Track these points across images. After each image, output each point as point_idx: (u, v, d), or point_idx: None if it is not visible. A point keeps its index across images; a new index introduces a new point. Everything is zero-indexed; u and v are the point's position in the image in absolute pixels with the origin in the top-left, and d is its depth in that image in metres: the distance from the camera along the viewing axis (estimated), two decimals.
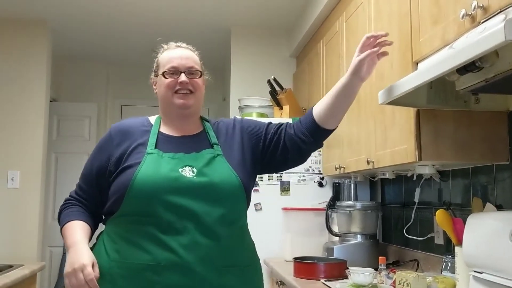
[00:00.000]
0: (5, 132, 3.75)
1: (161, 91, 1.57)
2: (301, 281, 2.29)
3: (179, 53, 1.58)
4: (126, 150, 1.50)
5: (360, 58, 1.52)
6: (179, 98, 1.53)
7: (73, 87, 5.15)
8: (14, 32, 3.86)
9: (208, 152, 1.52)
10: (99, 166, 1.53)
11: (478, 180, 2.00)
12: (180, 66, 1.55)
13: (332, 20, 3.05)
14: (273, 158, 1.61)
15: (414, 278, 1.82)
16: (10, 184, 3.72)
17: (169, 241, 1.37)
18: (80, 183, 1.59)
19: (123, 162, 1.48)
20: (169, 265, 1.35)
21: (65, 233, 1.50)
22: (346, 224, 2.75)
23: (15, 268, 2.81)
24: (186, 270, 1.36)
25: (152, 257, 1.37)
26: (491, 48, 1.11)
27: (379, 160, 2.17)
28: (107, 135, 1.57)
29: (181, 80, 1.53)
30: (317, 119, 1.58)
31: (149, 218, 1.40)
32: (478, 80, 1.41)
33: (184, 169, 1.45)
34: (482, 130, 1.80)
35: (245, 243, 1.53)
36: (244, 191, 1.49)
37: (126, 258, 1.40)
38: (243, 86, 4.06)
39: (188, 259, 1.36)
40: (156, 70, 1.61)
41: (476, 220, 1.61)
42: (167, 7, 3.66)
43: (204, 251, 1.38)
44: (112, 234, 1.47)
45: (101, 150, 1.55)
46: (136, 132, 1.55)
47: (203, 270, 1.37)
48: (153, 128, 1.57)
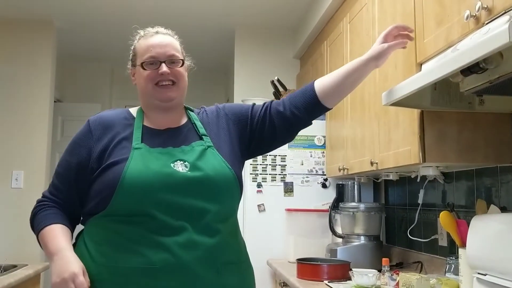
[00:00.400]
0: (9, 132, 3.77)
1: (140, 83, 1.46)
2: (304, 282, 2.29)
3: (158, 40, 1.46)
4: (108, 144, 1.38)
5: (390, 45, 1.55)
6: (161, 91, 1.42)
7: (78, 88, 5.17)
8: (20, 33, 3.87)
9: (198, 145, 1.42)
10: (78, 163, 1.39)
11: (482, 182, 1.99)
12: (159, 56, 1.43)
13: (336, 21, 3.05)
14: (260, 140, 1.54)
15: (418, 280, 1.81)
16: (14, 184, 3.73)
17: (164, 241, 1.27)
18: (55, 182, 1.45)
19: (107, 158, 1.36)
20: (166, 267, 1.26)
21: (44, 239, 1.36)
22: (349, 226, 2.75)
23: (19, 268, 2.81)
24: (184, 272, 1.27)
25: (146, 259, 1.26)
26: (495, 49, 1.11)
27: (382, 162, 2.16)
28: (85, 129, 1.44)
29: (162, 71, 1.41)
30: (318, 94, 1.52)
31: (141, 217, 1.29)
32: (482, 82, 1.40)
33: (176, 163, 1.35)
34: (486, 132, 1.79)
35: (238, 238, 1.47)
36: (238, 183, 1.42)
37: (116, 262, 1.28)
38: (247, 86, 4.06)
39: (186, 260, 1.27)
40: (133, 60, 1.51)
41: (480, 222, 1.60)
42: (172, 7, 3.67)
43: (202, 250, 1.29)
44: (95, 236, 1.34)
45: (79, 145, 1.42)
46: (118, 125, 1.43)
47: (203, 270, 1.29)
48: (136, 121, 1.45)
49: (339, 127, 2.87)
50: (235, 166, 1.44)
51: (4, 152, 3.75)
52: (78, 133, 1.45)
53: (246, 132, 1.53)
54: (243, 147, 1.52)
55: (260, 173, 3.18)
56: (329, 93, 1.53)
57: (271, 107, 1.55)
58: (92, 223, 1.37)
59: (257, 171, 3.18)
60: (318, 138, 3.24)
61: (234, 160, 1.45)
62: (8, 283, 2.36)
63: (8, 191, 3.72)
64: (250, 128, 1.53)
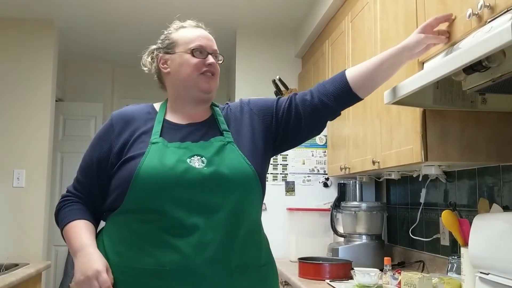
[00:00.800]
0: (11, 131, 3.77)
1: (181, 71, 1.42)
2: (306, 282, 2.29)
3: (204, 33, 1.48)
4: (128, 139, 1.37)
5: (427, 36, 1.52)
6: (206, 81, 1.42)
7: (79, 87, 5.17)
8: (21, 32, 3.87)
9: (217, 140, 1.39)
10: (99, 158, 1.39)
11: (484, 181, 1.99)
12: (207, 47, 1.44)
13: (338, 20, 3.04)
14: (286, 132, 1.49)
15: (420, 279, 1.81)
16: (16, 183, 3.73)
17: (175, 241, 1.24)
18: (78, 177, 1.44)
19: (125, 153, 1.35)
20: (175, 269, 1.23)
21: (68, 234, 1.36)
22: (351, 225, 2.74)
23: (21, 267, 2.82)
24: (194, 274, 1.23)
25: (157, 260, 1.24)
26: (497, 48, 1.10)
27: (384, 161, 2.16)
28: (108, 124, 1.43)
29: (210, 62, 1.42)
30: (350, 82, 1.47)
31: (154, 215, 1.27)
32: (485, 80, 1.40)
33: (193, 159, 1.32)
34: (488, 131, 1.79)
35: (260, 240, 1.40)
36: (259, 180, 1.36)
37: (128, 262, 1.27)
38: (249, 86, 4.06)
39: (197, 261, 1.23)
40: (170, 47, 1.46)
41: (482, 221, 1.60)
42: (173, 6, 3.66)
43: (215, 251, 1.25)
44: (113, 234, 1.34)
45: (101, 140, 1.41)
46: (139, 120, 1.42)
47: (214, 273, 1.25)
48: (158, 115, 1.44)
49: (341, 126, 2.87)
50: (256, 162, 1.38)
51: (6, 151, 3.75)
52: (101, 128, 1.44)
53: (271, 126, 1.48)
54: (268, 143, 1.48)
55: None
56: (361, 81, 1.48)
57: (296, 97, 1.51)
58: (110, 221, 1.37)
59: None
60: (319, 137, 3.23)
61: (255, 156, 1.40)
62: (9, 282, 2.36)
63: (10, 190, 3.72)
64: (275, 122, 1.49)
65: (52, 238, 4.47)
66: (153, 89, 1.60)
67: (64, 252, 4.75)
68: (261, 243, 1.41)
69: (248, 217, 1.35)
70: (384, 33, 2.21)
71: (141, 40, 4.46)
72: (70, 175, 4.96)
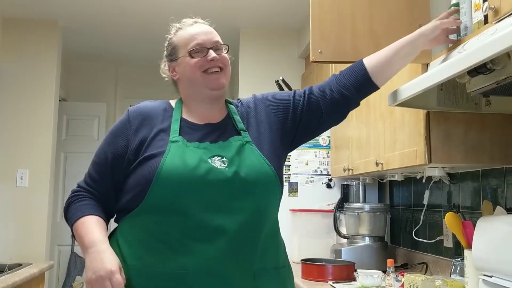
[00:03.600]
0: (14, 131, 3.78)
1: (186, 73, 1.39)
2: (308, 283, 2.28)
3: (200, 28, 1.42)
4: (146, 136, 1.33)
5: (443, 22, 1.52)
6: (212, 77, 1.37)
7: (83, 87, 5.18)
8: (25, 32, 3.88)
9: (236, 140, 1.35)
10: (115, 154, 1.33)
11: (488, 183, 1.98)
12: (205, 42, 1.38)
13: None
14: (306, 127, 1.47)
15: (423, 281, 1.80)
16: (19, 183, 3.74)
17: (197, 243, 1.21)
18: (91, 173, 1.38)
19: (144, 151, 1.30)
20: (198, 273, 1.20)
21: (79, 230, 1.29)
22: (354, 226, 2.74)
23: (24, 267, 2.82)
24: (218, 277, 1.20)
25: (178, 263, 1.21)
26: (502, 50, 1.10)
27: (388, 162, 2.16)
28: (125, 119, 1.37)
29: (211, 57, 1.36)
30: (369, 70, 1.47)
31: (176, 217, 1.23)
32: (489, 82, 1.39)
33: (213, 159, 1.28)
34: (492, 133, 1.78)
35: (278, 241, 1.39)
36: (278, 180, 1.35)
37: (147, 266, 1.22)
38: (252, 86, 4.06)
39: (220, 265, 1.21)
40: (172, 54, 1.43)
41: (486, 223, 1.60)
42: (177, 7, 3.67)
43: (239, 254, 1.23)
44: (129, 236, 1.29)
45: (117, 135, 1.36)
46: (157, 117, 1.38)
47: (238, 276, 1.22)
48: (174, 113, 1.39)
49: (344, 127, 2.87)
50: (275, 161, 1.36)
51: (9, 151, 3.76)
52: (117, 123, 1.39)
53: (289, 121, 1.45)
54: (286, 139, 1.45)
55: None
56: (379, 68, 1.48)
57: (314, 91, 1.50)
58: (126, 222, 1.31)
59: None
60: (323, 138, 3.23)
61: (274, 155, 1.38)
62: (13, 282, 2.37)
63: (13, 189, 3.73)
64: (293, 117, 1.46)
65: (55, 238, 4.48)
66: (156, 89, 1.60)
67: (67, 252, 4.76)
68: (279, 245, 1.39)
69: (269, 218, 1.33)
70: None
71: (144, 40, 4.50)
72: (74, 175, 5.01)
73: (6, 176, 3.73)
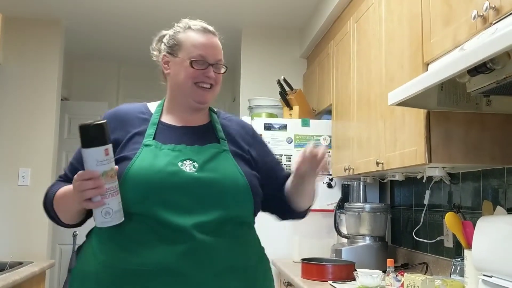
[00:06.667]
0: (16, 130, 3.79)
1: (178, 77, 1.40)
2: (308, 282, 2.29)
3: (210, 40, 1.41)
4: (121, 139, 1.35)
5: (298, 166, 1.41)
6: (200, 92, 1.39)
7: (85, 86, 5.19)
8: (28, 31, 3.89)
9: (212, 147, 1.38)
10: None
11: (488, 183, 1.98)
12: (209, 57, 1.39)
13: (343, 21, 3.04)
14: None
15: (423, 281, 1.80)
16: (21, 181, 3.75)
17: (162, 243, 1.23)
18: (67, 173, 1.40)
19: (118, 153, 1.32)
20: (161, 270, 1.21)
21: (60, 196, 1.32)
22: (354, 226, 2.74)
23: (25, 265, 2.83)
24: (180, 275, 1.22)
25: (142, 260, 1.22)
26: (502, 49, 1.10)
27: (388, 162, 2.16)
28: None
29: (209, 75, 1.38)
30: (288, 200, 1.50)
31: (142, 216, 1.26)
32: (489, 82, 1.39)
33: (185, 163, 1.30)
34: (493, 133, 1.78)
35: (249, 243, 1.39)
36: (251, 189, 1.34)
37: (114, 261, 1.25)
38: (253, 86, 4.06)
39: (183, 263, 1.22)
40: (174, 48, 1.42)
41: (486, 223, 1.59)
42: (179, 6, 3.67)
43: (201, 253, 1.24)
44: (102, 233, 1.30)
45: None
46: (133, 120, 1.40)
47: (200, 275, 1.23)
48: (153, 117, 1.41)
49: (345, 127, 2.87)
50: (249, 172, 1.38)
51: (11, 150, 3.77)
52: None
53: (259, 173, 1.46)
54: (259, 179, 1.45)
55: None
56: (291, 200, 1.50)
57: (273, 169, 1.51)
58: None
59: None
60: (324, 138, 3.23)
61: (249, 168, 1.40)
62: (13, 280, 2.37)
63: (15, 188, 3.73)
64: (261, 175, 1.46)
65: (56, 237, 4.48)
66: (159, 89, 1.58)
67: (68, 251, 4.77)
68: (248, 246, 1.38)
69: (236, 224, 1.33)
70: (389, 34, 2.21)
71: (146, 40, 4.45)
72: None
73: (8, 175, 3.74)
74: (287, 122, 3.26)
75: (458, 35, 1.56)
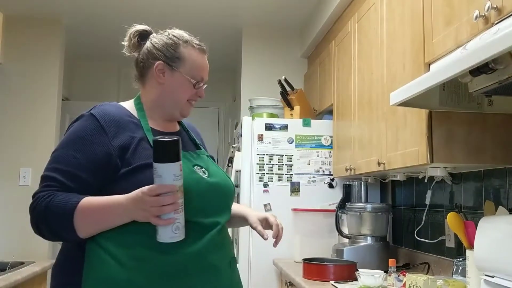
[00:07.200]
0: (17, 130, 3.79)
1: (176, 93, 1.45)
2: (310, 282, 2.28)
3: (206, 62, 1.50)
4: (128, 143, 1.33)
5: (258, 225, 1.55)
6: (188, 108, 1.48)
7: (85, 86, 5.19)
8: (28, 31, 3.89)
9: (202, 153, 1.51)
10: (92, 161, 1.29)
11: (490, 183, 1.98)
12: (205, 78, 1.49)
13: (344, 21, 3.04)
14: None
15: (425, 281, 1.80)
16: (22, 181, 3.75)
17: (193, 241, 1.30)
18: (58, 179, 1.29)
19: (132, 158, 1.31)
20: (199, 267, 1.30)
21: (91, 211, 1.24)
22: (356, 226, 2.74)
23: (26, 265, 2.83)
24: (213, 269, 1.33)
25: (184, 260, 1.28)
26: (504, 50, 1.10)
27: (390, 162, 2.15)
28: (96, 126, 1.33)
29: (201, 94, 1.49)
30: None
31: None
32: (491, 82, 1.39)
33: (196, 168, 1.38)
34: (495, 133, 1.78)
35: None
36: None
37: (154, 265, 1.25)
38: (254, 86, 4.06)
39: (214, 258, 1.34)
40: (173, 60, 1.44)
41: (488, 223, 1.59)
42: (180, 6, 3.67)
43: (221, 248, 1.38)
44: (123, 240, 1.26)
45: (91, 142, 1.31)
46: (127, 124, 1.38)
47: (222, 264, 1.37)
48: (142, 122, 1.41)
49: (347, 127, 2.87)
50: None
51: (12, 150, 3.77)
52: (84, 129, 1.34)
53: None
54: None
55: (267, 172, 3.18)
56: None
57: None
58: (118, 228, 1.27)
59: (263, 170, 3.17)
60: (325, 138, 3.23)
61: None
62: (14, 280, 2.37)
63: (16, 188, 3.74)
64: None
65: None
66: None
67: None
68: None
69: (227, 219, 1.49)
70: (390, 34, 2.21)
71: None
72: None
73: (9, 175, 3.74)
74: (288, 122, 3.26)
75: (459, 35, 1.56)
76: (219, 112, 5.37)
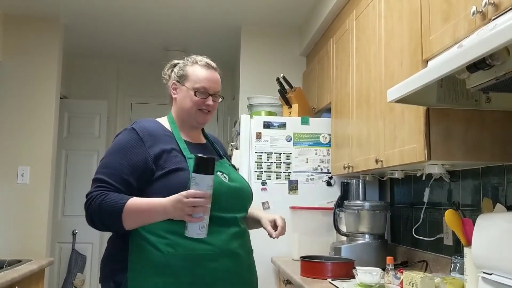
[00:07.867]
0: (16, 128, 3.78)
1: (185, 103, 1.73)
2: (308, 280, 2.28)
3: (211, 75, 1.75)
4: (161, 152, 1.61)
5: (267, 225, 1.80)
6: (201, 115, 1.73)
7: (84, 85, 5.19)
8: (27, 29, 3.89)
9: (225, 162, 1.78)
10: (133, 166, 1.58)
11: (488, 181, 1.98)
12: (210, 89, 1.73)
13: (343, 18, 3.03)
14: None
15: (422, 278, 1.80)
16: (20, 180, 3.75)
17: (221, 232, 1.58)
18: (107, 181, 1.57)
19: (165, 163, 1.59)
20: (223, 252, 1.57)
21: (135, 208, 1.52)
22: (354, 224, 2.73)
23: (24, 263, 2.82)
24: (234, 254, 1.60)
25: (210, 246, 1.55)
26: (501, 45, 1.09)
27: (388, 160, 2.15)
28: (136, 137, 1.63)
29: (208, 103, 1.73)
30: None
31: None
32: (489, 78, 1.38)
33: (218, 173, 1.63)
34: (493, 130, 1.77)
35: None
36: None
37: (185, 250, 1.52)
38: (253, 84, 4.06)
39: (235, 246, 1.61)
40: (181, 78, 1.75)
41: (486, 221, 1.59)
42: (178, 5, 3.67)
43: (242, 239, 1.66)
44: (158, 230, 1.54)
45: (132, 151, 1.61)
46: (162, 137, 1.67)
47: (243, 253, 1.65)
48: (175, 134, 1.71)
49: (345, 124, 2.86)
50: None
51: (10, 148, 3.76)
52: (127, 140, 1.63)
53: None
54: None
55: (265, 170, 3.17)
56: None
57: None
58: (157, 223, 1.55)
59: (261, 168, 3.17)
60: (323, 136, 3.23)
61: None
62: (12, 278, 2.37)
63: (14, 186, 3.73)
64: None
65: (56, 235, 4.48)
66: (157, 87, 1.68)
67: (68, 250, 4.76)
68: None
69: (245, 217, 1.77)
70: (388, 31, 2.20)
71: (145, 38, 4.49)
72: (75, 172, 5.03)
73: (7, 173, 3.74)
74: (286, 120, 3.26)
75: (457, 32, 1.55)
76: (217, 111, 5.36)
